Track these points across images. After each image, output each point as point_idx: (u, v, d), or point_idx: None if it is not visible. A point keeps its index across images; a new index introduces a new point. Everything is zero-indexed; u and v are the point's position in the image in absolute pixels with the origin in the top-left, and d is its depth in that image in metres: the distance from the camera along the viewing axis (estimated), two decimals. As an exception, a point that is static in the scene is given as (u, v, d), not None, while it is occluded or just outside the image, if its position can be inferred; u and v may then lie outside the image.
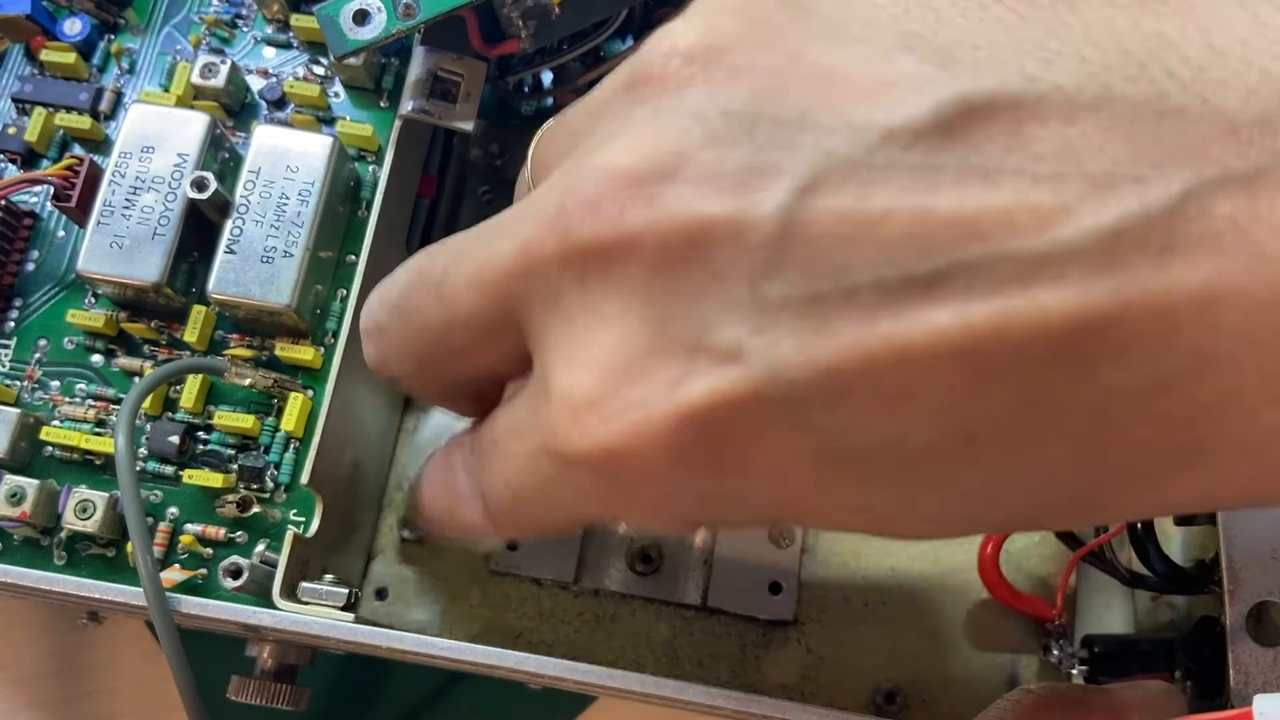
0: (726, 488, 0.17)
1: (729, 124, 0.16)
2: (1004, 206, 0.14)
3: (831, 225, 0.15)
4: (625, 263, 0.16)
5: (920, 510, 0.17)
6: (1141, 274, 0.14)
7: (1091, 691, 0.22)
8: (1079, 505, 0.17)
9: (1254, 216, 0.14)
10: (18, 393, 0.28)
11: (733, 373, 0.16)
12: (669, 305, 0.16)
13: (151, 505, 0.27)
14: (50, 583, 0.25)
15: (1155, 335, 0.14)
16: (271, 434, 0.28)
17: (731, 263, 0.15)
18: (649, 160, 0.16)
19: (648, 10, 0.33)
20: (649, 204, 0.16)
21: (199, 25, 0.31)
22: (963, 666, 0.30)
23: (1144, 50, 0.15)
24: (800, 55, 0.16)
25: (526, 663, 0.24)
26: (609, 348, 0.16)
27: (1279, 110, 0.14)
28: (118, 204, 0.27)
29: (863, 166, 0.15)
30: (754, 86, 0.16)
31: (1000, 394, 0.15)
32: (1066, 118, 0.15)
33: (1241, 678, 0.23)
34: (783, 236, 0.15)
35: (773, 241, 0.15)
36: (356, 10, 0.26)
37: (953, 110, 0.15)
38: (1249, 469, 0.15)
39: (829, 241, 0.15)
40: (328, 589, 0.25)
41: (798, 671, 0.30)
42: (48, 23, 0.30)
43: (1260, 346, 0.14)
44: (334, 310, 0.28)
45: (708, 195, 0.15)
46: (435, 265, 0.20)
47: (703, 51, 0.16)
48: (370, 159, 0.30)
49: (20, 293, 0.29)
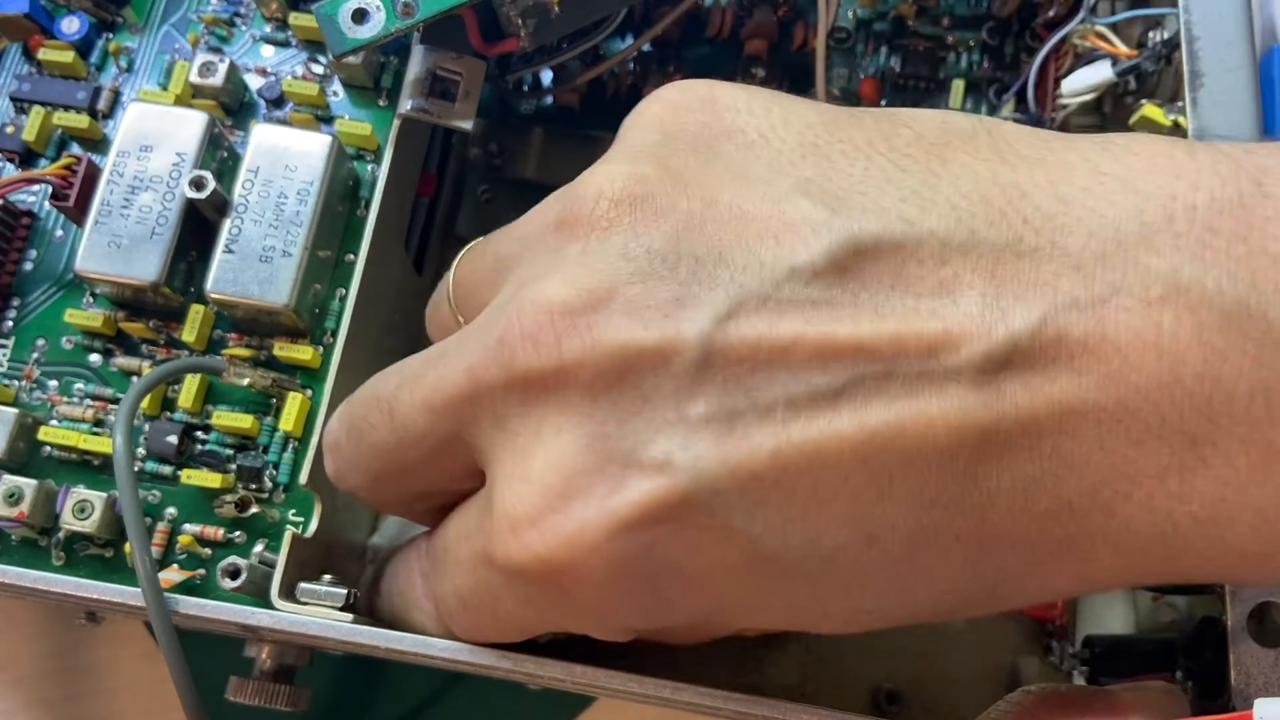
0: (661, 595, 0.19)
1: (653, 262, 0.18)
2: (892, 333, 0.17)
3: (747, 351, 0.17)
4: (563, 388, 0.18)
5: (836, 606, 0.19)
6: (1009, 389, 0.17)
7: (1092, 693, 0.22)
8: (977, 599, 0.19)
9: (1101, 339, 0.16)
10: (15, 392, 0.28)
11: (661, 482, 0.17)
12: (603, 426, 0.18)
13: (150, 505, 0.27)
14: (48, 583, 0.25)
15: (1023, 443, 0.17)
16: (270, 434, 0.27)
17: (658, 386, 0.17)
18: (582, 294, 0.18)
19: (647, 9, 0.33)
20: (584, 334, 0.18)
21: (197, 24, 0.31)
22: (963, 667, 0.30)
23: (1003, 199, 0.18)
24: (714, 199, 0.18)
25: (525, 663, 0.24)
26: (548, 465, 0.18)
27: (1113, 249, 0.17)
28: (116, 203, 0.27)
29: (771, 300, 0.17)
30: (674, 228, 0.18)
31: (897, 497, 0.17)
32: (940, 259, 0.17)
33: (1243, 678, 0.23)
34: (704, 361, 0.17)
35: (695, 366, 0.17)
36: (355, 9, 0.26)
37: (845, 251, 0.17)
38: (1115, 557, 0.18)
39: (745, 365, 0.17)
40: (326, 589, 0.25)
41: (797, 672, 0.30)
42: (46, 21, 0.30)
43: (1111, 450, 0.17)
44: (332, 310, 0.28)
45: (636, 325, 0.17)
46: (388, 387, 0.21)
47: (627, 196, 0.18)
48: (369, 158, 0.30)
49: (18, 292, 0.29)
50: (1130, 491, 0.17)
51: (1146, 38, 0.29)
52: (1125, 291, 0.16)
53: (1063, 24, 0.30)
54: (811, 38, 0.34)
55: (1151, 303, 0.16)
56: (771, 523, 0.17)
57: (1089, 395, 0.16)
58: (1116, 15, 0.30)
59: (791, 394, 0.17)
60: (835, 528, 0.17)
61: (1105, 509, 0.17)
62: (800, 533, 0.17)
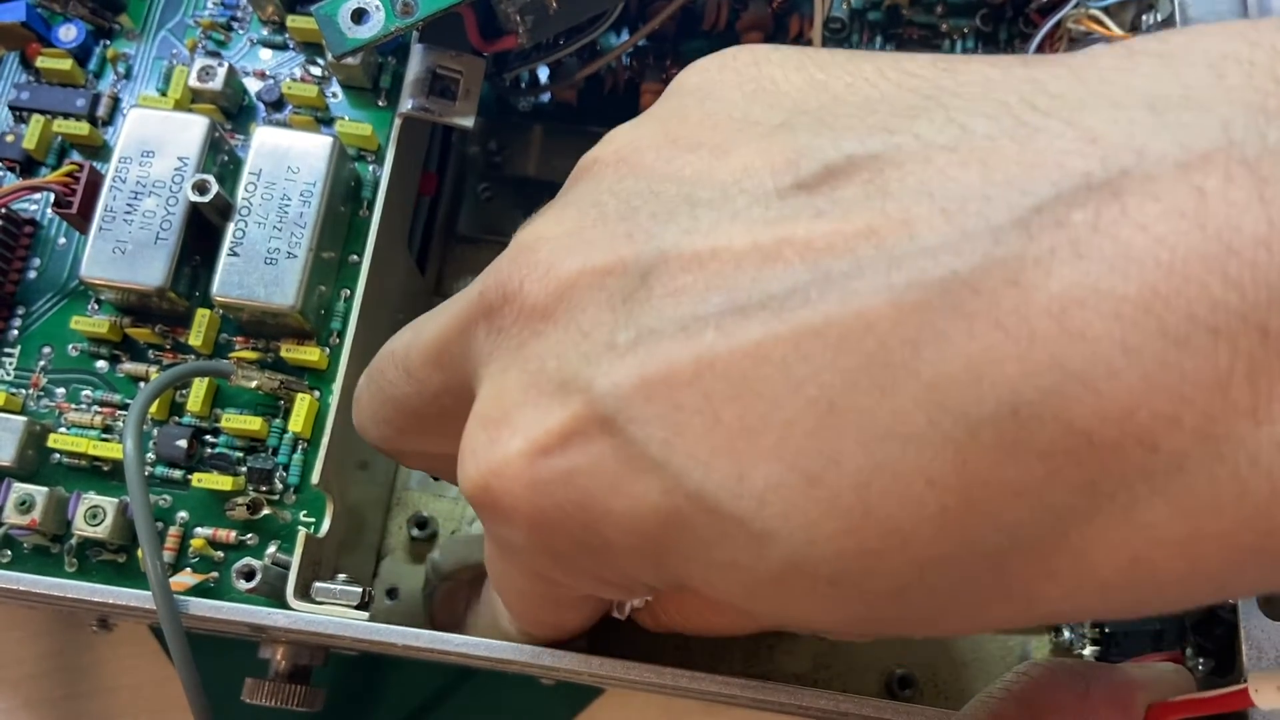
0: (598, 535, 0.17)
1: (620, 205, 0.17)
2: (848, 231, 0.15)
3: (681, 265, 0.16)
4: (516, 320, 0.18)
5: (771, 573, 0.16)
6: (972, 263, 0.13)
7: (1099, 667, 0.22)
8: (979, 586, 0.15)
9: (1118, 217, 0.13)
10: (23, 401, 0.28)
11: (577, 402, 0.16)
12: (542, 359, 0.17)
13: (161, 510, 0.27)
14: (61, 589, 0.25)
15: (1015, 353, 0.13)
16: (279, 436, 0.28)
17: (596, 314, 0.17)
18: (547, 234, 0.18)
19: (643, 4, 0.33)
20: (539, 270, 0.17)
21: (194, 29, 0.31)
22: (974, 650, 0.30)
23: (1010, 92, 0.15)
24: (698, 144, 0.18)
25: (541, 656, 0.24)
26: (490, 397, 0.18)
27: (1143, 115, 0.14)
28: (119, 209, 0.27)
29: (725, 221, 0.16)
30: (649, 175, 0.18)
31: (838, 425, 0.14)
32: (923, 159, 0.15)
33: (1254, 653, 0.23)
34: (640, 282, 0.16)
35: (630, 288, 0.16)
36: (354, 9, 0.26)
37: (816, 172, 0.16)
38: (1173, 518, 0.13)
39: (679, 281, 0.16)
40: (341, 588, 0.25)
41: (810, 659, 0.30)
42: (43, 29, 0.30)
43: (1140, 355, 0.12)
44: (338, 310, 0.28)
45: (581, 257, 0.17)
46: (400, 340, 0.22)
47: (622, 152, 0.18)
48: (370, 158, 0.30)
49: (23, 301, 0.29)
50: (1179, 413, 0.12)
51: (1140, 21, 0.30)
52: (1155, 157, 0.13)
53: (1057, 9, 0.30)
54: (807, 29, 0.34)
55: (1191, 165, 0.13)
56: (694, 453, 0.15)
57: (1101, 284, 0.13)
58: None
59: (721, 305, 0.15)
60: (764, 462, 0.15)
61: (1143, 440, 0.13)
62: (722, 465, 0.15)
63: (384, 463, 0.31)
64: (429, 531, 0.31)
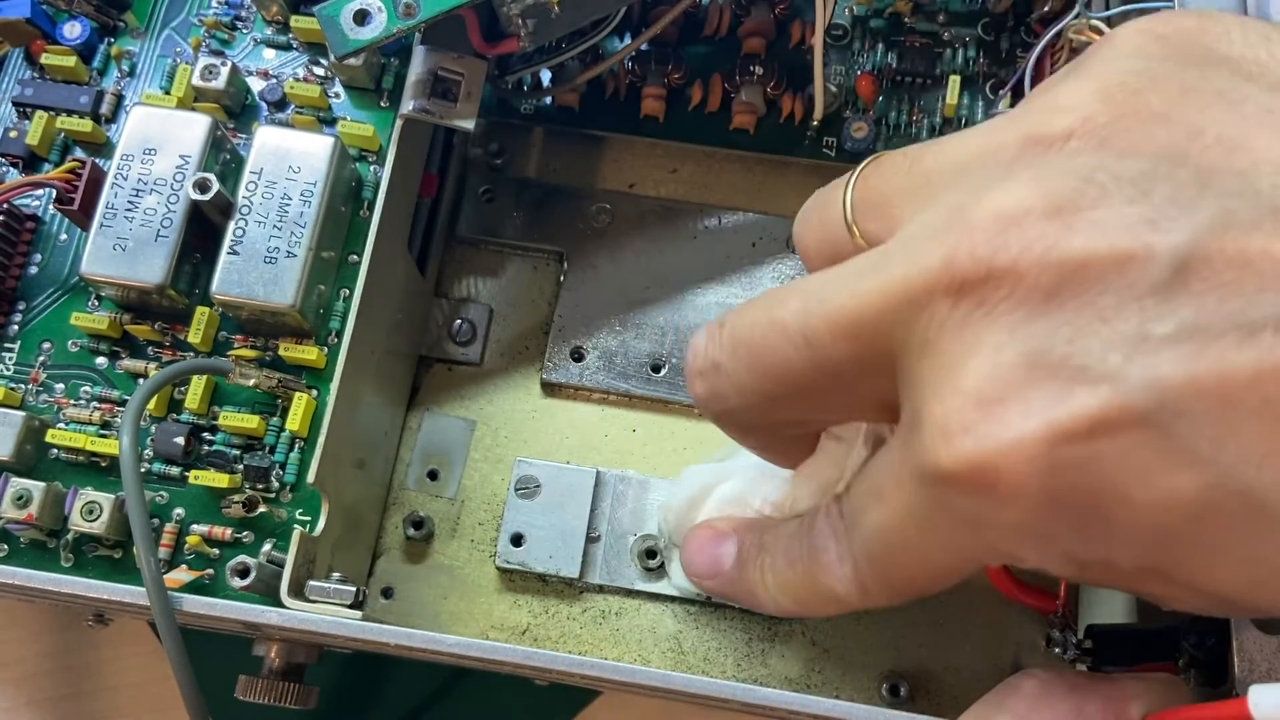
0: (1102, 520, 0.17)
1: (1122, 186, 0.16)
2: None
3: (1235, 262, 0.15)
4: (1010, 296, 0.17)
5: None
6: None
7: (1094, 678, 0.22)
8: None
9: None
10: (23, 396, 0.28)
11: (1111, 393, 0.16)
12: (1048, 339, 0.16)
13: (157, 506, 0.27)
14: (56, 584, 0.25)
15: None
16: (276, 434, 0.28)
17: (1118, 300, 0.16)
18: (1038, 206, 0.17)
19: (645, 8, 0.33)
20: (1037, 242, 0.16)
21: (198, 28, 0.31)
22: (967, 657, 0.30)
23: None
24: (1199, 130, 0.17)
25: (535, 658, 0.24)
26: (985, 375, 0.17)
27: None
28: (120, 206, 0.27)
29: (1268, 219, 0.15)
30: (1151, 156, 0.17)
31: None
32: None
33: (1246, 665, 0.23)
34: (1177, 275, 0.16)
35: (1165, 279, 0.16)
36: (357, 10, 0.26)
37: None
38: None
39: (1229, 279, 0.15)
40: (335, 587, 0.25)
41: (803, 664, 0.30)
42: (47, 26, 0.31)
43: None
44: (337, 310, 0.28)
45: (1098, 237, 0.16)
46: (787, 308, 0.20)
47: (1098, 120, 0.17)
48: (371, 159, 0.30)
49: (24, 296, 0.29)
50: None
51: (1141, 31, 0.30)
52: None
53: (1058, 19, 0.30)
54: (809, 35, 0.34)
55: None
56: (1247, 453, 0.15)
57: None
58: (1111, 9, 0.30)
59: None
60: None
61: None
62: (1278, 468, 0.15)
63: (381, 462, 0.32)
64: (425, 532, 0.31)
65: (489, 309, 0.34)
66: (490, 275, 0.34)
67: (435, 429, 0.33)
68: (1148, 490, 0.16)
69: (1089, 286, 0.16)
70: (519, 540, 0.31)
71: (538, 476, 0.31)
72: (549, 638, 0.31)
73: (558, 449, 0.33)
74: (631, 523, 0.31)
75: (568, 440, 0.33)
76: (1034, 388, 0.16)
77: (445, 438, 0.33)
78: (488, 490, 0.32)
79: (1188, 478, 0.16)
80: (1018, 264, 0.16)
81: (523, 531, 0.31)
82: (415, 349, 0.33)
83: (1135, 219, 0.16)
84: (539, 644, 0.31)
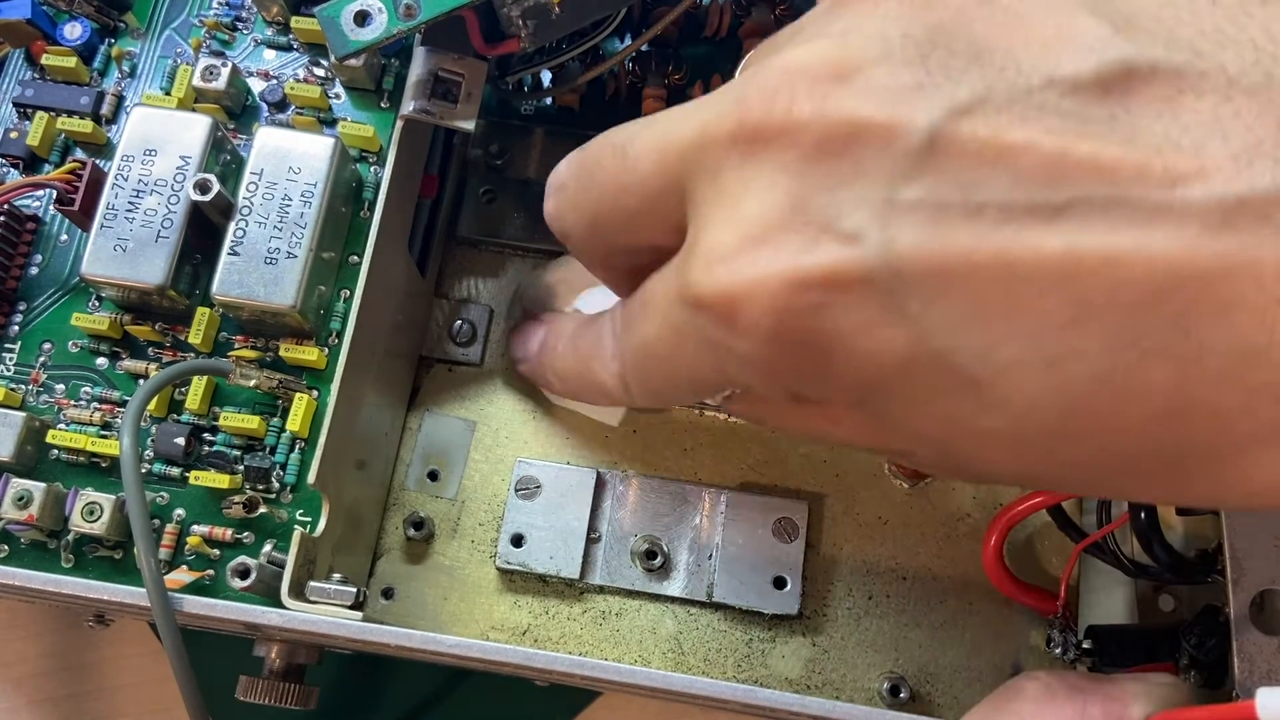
0: (820, 363, 0.18)
1: (906, 48, 0.17)
2: (1140, 160, 0.15)
3: (973, 147, 0.16)
4: (784, 146, 0.18)
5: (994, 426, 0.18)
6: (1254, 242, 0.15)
7: (1095, 679, 0.22)
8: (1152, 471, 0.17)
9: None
10: (23, 396, 0.28)
11: (851, 251, 0.17)
12: (811, 190, 0.18)
13: (158, 507, 0.27)
14: (57, 585, 0.25)
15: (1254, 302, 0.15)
16: (277, 435, 0.28)
17: (875, 164, 0.17)
18: (825, 63, 0.18)
19: (646, 9, 0.33)
20: (817, 100, 0.18)
21: (199, 28, 0.31)
22: (967, 658, 0.30)
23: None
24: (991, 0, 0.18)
25: (535, 659, 0.25)
26: (751, 215, 0.18)
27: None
28: (121, 207, 0.27)
29: (1018, 104, 0.16)
30: (938, 19, 0.18)
31: (1092, 328, 0.16)
32: (1223, 96, 0.15)
33: (1246, 666, 0.23)
34: (927, 148, 0.17)
35: (917, 152, 0.17)
36: (357, 11, 0.26)
37: (1114, 70, 0.16)
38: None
39: (968, 160, 0.16)
40: (335, 588, 0.25)
41: (804, 665, 0.30)
42: (48, 27, 0.31)
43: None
44: (337, 311, 0.28)
45: (869, 102, 0.17)
46: (624, 132, 0.22)
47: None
48: (372, 160, 0.30)
49: (24, 297, 0.29)
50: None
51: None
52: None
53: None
54: (809, 36, 0.34)
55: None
56: (948, 319, 0.17)
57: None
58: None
59: (1008, 200, 0.16)
60: (1015, 341, 0.17)
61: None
62: (975, 336, 0.17)
63: (381, 463, 0.32)
64: (425, 532, 0.31)
65: (489, 310, 0.34)
66: (491, 276, 0.34)
67: (436, 429, 0.33)
68: (864, 341, 0.18)
69: (853, 147, 0.17)
70: (519, 541, 0.31)
71: (538, 477, 0.31)
72: (549, 638, 0.31)
73: (558, 450, 0.33)
74: (632, 523, 0.31)
75: (568, 441, 0.33)
76: (789, 233, 0.18)
77: (446, 438, 0.33)
78: (488, 491, 0.32)
79: (898, 334, 0.17)
80: (794, 117, 0.18)
81: (523, 532, 0.31)
82: (416, 350, 0.33)
83: (907, 83, 0.17)
84: (539, 645, 0.31)
